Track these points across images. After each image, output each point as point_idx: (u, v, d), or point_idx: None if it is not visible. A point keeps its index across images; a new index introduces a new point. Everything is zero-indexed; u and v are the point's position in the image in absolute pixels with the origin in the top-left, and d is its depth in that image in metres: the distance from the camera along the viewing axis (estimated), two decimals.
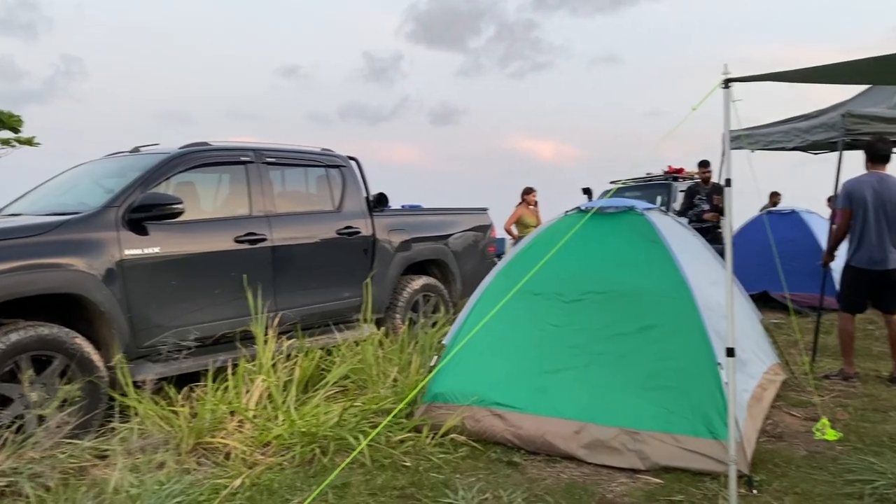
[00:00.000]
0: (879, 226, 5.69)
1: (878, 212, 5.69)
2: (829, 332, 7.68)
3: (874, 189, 5.71)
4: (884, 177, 5.80)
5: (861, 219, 5.77)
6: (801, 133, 7.14)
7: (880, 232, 5.69)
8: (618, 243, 4.65)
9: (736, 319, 5.02)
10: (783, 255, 9.75)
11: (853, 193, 5.83)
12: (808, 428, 4.60)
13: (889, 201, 5.67)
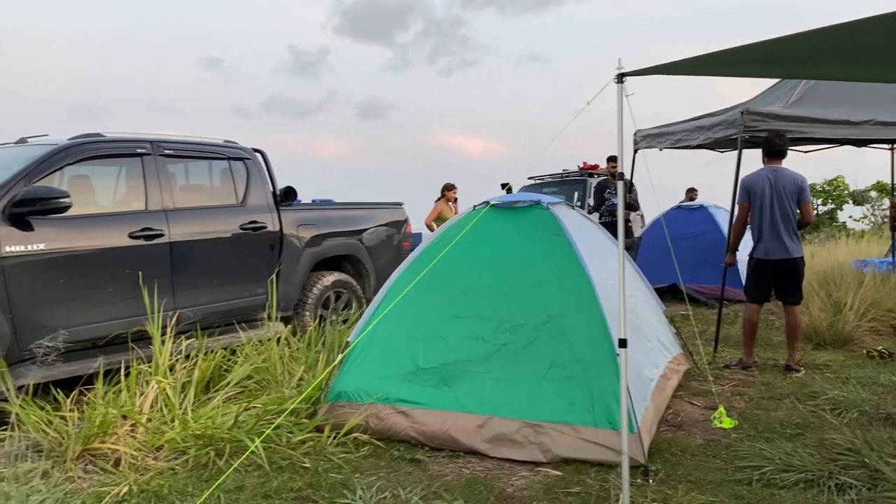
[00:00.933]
0: (774, 217, 5.89)
1: (773, 204, 5.89)
2: (732, 323, 7.96)
3: (770, 182, 5.91)
4: (779, 170, 6.00)
5: (759, 212, 5.97)
6: (705, 131, 7.35)
7: (775, 223, 5.89)
8: (524, 237, 4.65)
9: (637, 311, 5.16)
10: (692, 249, 10.12)
11: (750, 187, 6.02)
12: (707, 416, 4.72)
13: (783, 193, 5.87)
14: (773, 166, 6.02)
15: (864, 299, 7.32)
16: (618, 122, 3.21)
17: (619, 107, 3.19)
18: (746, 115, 6.42)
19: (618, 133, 3.23)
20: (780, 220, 5.89)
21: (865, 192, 24.96)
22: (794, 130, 6.59)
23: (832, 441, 3.90)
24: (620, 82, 3.18)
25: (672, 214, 11.10)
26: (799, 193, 5.90)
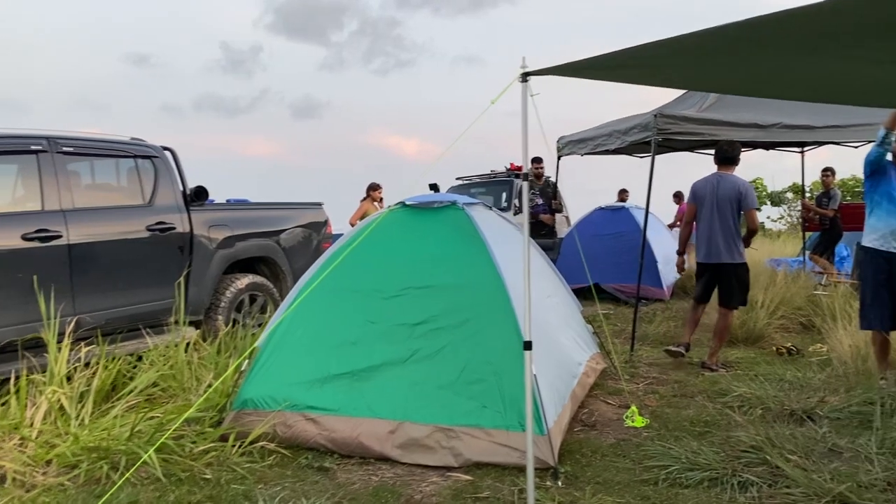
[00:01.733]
0: (713, 222, 6.08)
1: (713, 209, 6.08)
2: (650, 322, 8.09)
3: (713, 188, 6.11)
4: (724, 176, 6.18)
5: (701, 216, 6.19)
6: (621, 135, 7.46)
7: (713, 228, 6.08)
8: (438, 238, 4.59)
9: (555, 311, 5.17)
10: (615, 249, 10.27)
11: (697, 192, 6.25)
12: (621, 415, 4.76)
13: (722, 199, 6.05)
14: (721, 173, 6.21)
15: (775, 297, 7.56)
16: (522, 121, 3.18)
17: (523, 106, 3.16)
18: (659, 118, 6.54)
19: (522, 132, 3.19)
20: (718, 225, 6.05)
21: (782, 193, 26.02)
22: (704, 133, 6.74)
23: (737, 439, 3.97)
24: (524, 81, 3.14)
25: (595, 215, 11.26)
26: (740, 200, 6.06)
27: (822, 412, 4.56)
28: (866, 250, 5.21)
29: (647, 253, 9.60)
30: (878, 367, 5.18)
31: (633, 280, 9.15)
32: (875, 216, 5.14)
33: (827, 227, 9.66)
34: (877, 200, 5.12)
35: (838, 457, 3.80)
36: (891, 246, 5.01)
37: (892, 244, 5.00)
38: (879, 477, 3.43)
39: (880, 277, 5.07)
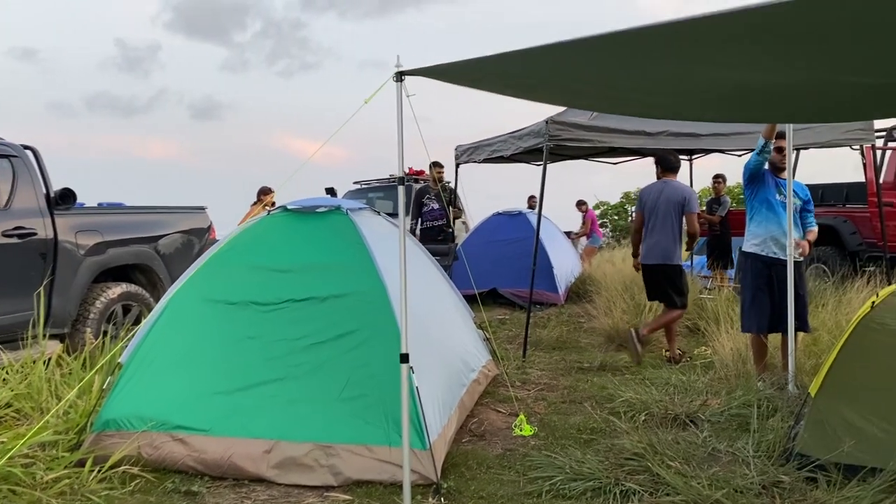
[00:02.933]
0: (656, 226, 6.34)
1: (656, 214, 6.35)
2: (544, 327, 8.12)
3: (659, 194, 6.39)
4: (669, 183, 6.46)
5: (647, 220, 6.46)
6: (516, 141, 7.47)
7: (655, 231, 6.34)
8: (321, 246, 4.39)
9: (446, 318, 5.06)
10: (512, 255, 10.31)
11: (642, 198, 6.57)
12: (510, 424, 4.69)
13: (664, 205, 6.31)
14: (666, 179, 6.50)
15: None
16: (397, 121, 3.03)
17: (398, 106, 3.02)
18: (551, 125, 6.57)
19: (398, 133, 3.05)
20: (660, 229, 6.33)
21: None
22: (595, 140, 6.83)
23: (621, 446, 3.95)
24: (399, 81, 3.00)
25: (494, 221, 11.29)
26: (683, 206, 6.32)
27: (704, 416, 4.63)
28: (747, 255, 5.37)
29: (542, 258, 9.74)
30: (755, 369, 5.34)
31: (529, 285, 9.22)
32: (755, 222, 5.30)
33: (718, 234, 9.99)
34: (756, 207, 5.29)
35: (717, 461, 3.84)
36: (770, 251, 5.17)
37: (772, 249, 5.16)
38: (755, 481, 3.47)
39: (759, 282, 5.23)
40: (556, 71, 2.74)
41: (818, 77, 2.78)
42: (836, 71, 2.67)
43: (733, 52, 2.38)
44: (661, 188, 6.44)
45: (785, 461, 3.64)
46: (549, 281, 10.02)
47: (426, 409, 3.71)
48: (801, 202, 5.35)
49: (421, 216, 9.22)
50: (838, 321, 6.15)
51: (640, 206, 6.57)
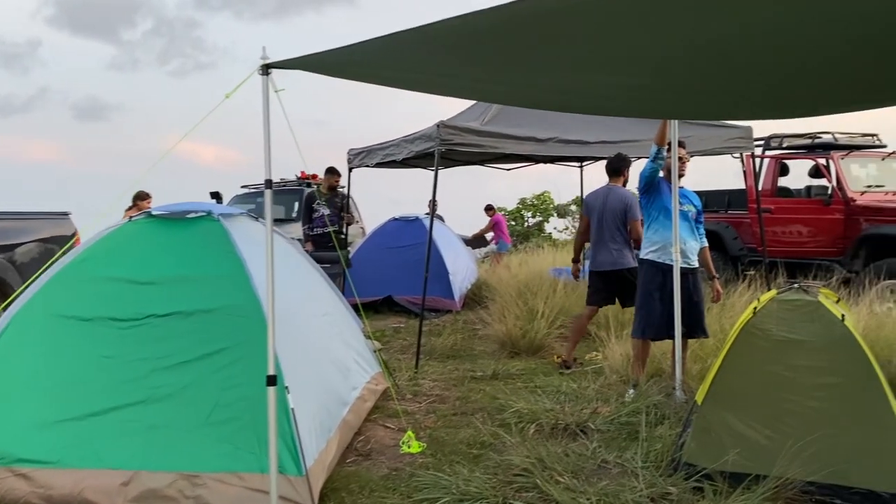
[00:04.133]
0: (601, 232, 6.29)
1: (602, 219, 6.30)
2: (439, 335, 7.95)
3: (603, 199, 6.34)
4: (613, 189, 6.40)
5: (592, 226, 6.42)
6: (408, 145, 7.29)
7: (602, 237, 6.29)
8: (188, 255, 4.03)
9: (330, 330, 4.78)
10: (408, 261, 10.10)
11: (588, 204, 6.52)
12: (398, 440, 4.47)
13: (609, 210, 6.27)
14: (611, 185, 6.44)
15: (555, 307, 7.71)
16: (263, 117, 2.77)
17: (264, 101, 2.75)
18: (442, 129, 6.41)
19: (264, 130, 2.78)
20: (606, 234, 6.28)
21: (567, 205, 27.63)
22: (486, 145, 6.73)
23: (509, 462, 3.81)
24: (266, 74, 2.74)
25: (390, 226, 11.06)
26: (626, 212, 6.26)
27: (594, 424, 4.56)
28: (643, 262, 5.38)
29: (438, 263, 9.59)
30: (633, 372, 5.34)
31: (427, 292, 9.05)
32: (652, 230, 5.31)
33: None
34: (654, 215, 5.30)
35: (607, 473, 3.76)
36: (668, 258, 5.19)
37: (669, 256, 5.18)
38: (644, 493, 3.41)
39: (651, 288, 5.24)
40: (422, 59, 2.58)
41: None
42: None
43: None
44: (605, 194, 6.39)
45: (673, 471, 3.60)
46: (445, 287, 9.89)
47: (302, 432, 3.44)
48: (696, 210, 5.42)
49: (311, 222, 8.89)
50: (722, 325, 6.29)
51: (586, 210, 6.55)
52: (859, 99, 3.41)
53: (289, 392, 3.45)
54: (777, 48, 2.42)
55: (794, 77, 2.87)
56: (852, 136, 9.75)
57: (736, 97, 3.40)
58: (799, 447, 3.35)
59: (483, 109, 7.44)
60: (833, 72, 2.77)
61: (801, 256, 9.11)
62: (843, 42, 2.37)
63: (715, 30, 2.24)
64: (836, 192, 9.06)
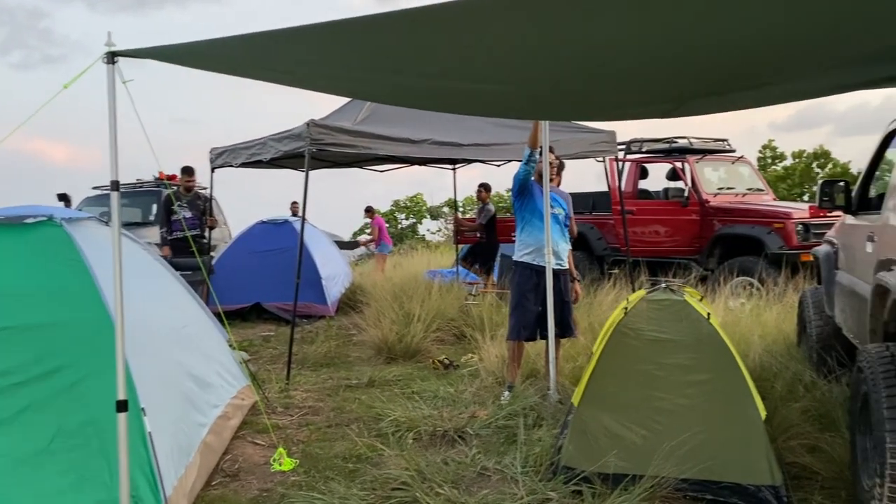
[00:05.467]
0: None
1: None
2: (312, 342, 7.67)
3: None
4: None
5: None
6: (276, 144, 6.97)
7: None
8: (25, 264, 3.59)
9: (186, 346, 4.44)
10: (277, 266, 9.71)
11: None
12: (269, 458, 4.21)
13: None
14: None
15: (431, 310, 7.64)
16: (109, 111, 2.47)
17: (109, 93, 2.46)
18: (312, 128, 6.16)
19: (109, 125, 2.48)
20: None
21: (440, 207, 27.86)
22: (359, 146, 6.54)
23: (387, 475, 3.66)
24: (112, 63, 2.44)
25: (257, 230, 10.61)
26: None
27: (473, 430, 4.50)
28: (517, 264, 5.39)
29: (310, 268, 9.27)
30: (508, 374, 5.34)
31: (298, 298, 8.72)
32: (525, 232, 5.33)
33: (482, 241, 10.20)
34: (527, 218, 5.32)
35: (487, 481, 3.70)
36: (541, 260, 5.21)
37: (542, 259, 5.20)
38: (525, 500, 3.37)
39: (525, 289, 5.25)
40: (283, 54, 2.44)
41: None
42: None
43: None
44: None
45: (552, 475, 3.58)
46: (318, 292, 9.59)
47: (161, 458, 3.14)
48: (566, 214, 5.49)
49: (170, 226, 8.34)
50: (591, 323, 6.44)
51: None
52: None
53: (145, 414, 3.14)
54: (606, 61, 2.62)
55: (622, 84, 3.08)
56: (705, 141, 10.35)
57: (580, 98, 3.56)
58: (672, 446, 3.41)
59: (356, 109, 7.24)
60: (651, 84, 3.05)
61: (661, 255, 9.55)
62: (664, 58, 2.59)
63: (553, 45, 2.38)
64: (692, 194, 9.57)
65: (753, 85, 3.18)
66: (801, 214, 8.64)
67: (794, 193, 23.76)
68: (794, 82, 3.29)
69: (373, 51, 2.46)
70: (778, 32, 2.31)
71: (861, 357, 3.27)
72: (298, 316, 8.00)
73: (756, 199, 9.93)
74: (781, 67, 2.89)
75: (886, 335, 3.46)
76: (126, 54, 2.45)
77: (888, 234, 3.66)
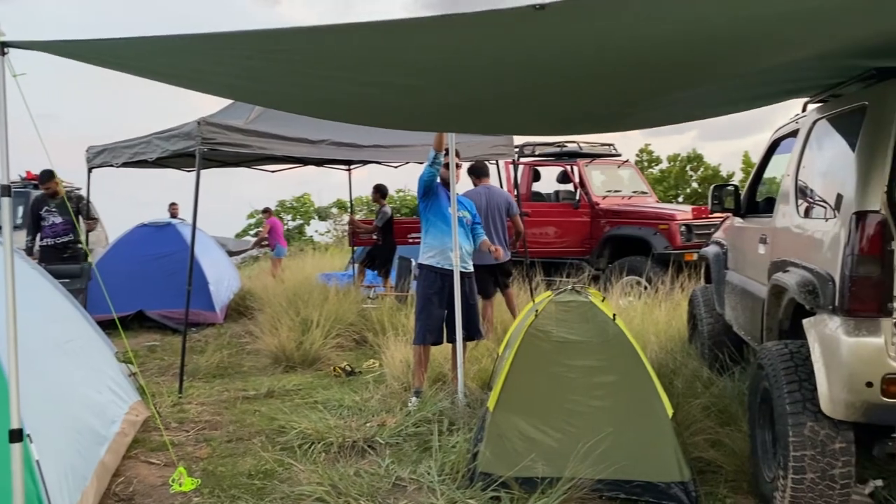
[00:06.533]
0: (487, 228, 6.49)
1: (488, 216, 6.72)
2: (202, 352, 7.31)
3: (486, 198, 6.83)
4: (491, 188, 7.12)
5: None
6: (163, 143, 6.58)
7: (489, 234, 6.41)
8: None
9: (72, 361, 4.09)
10: (161, 271, 9.19)
11: (479, 201, 6.64)
12: (167, 478, 3.94)
13: (494, 207, 6.86)
14: (486, 185, 7.05)
15: (330, 315, 7.44)
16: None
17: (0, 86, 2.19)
18: (204, 127, 5.86)
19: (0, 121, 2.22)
20: (492, 230, 6.72)
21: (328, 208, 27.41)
22: (253, 146, 6.29)
23: (300, 492, 3.51)
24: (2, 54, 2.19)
25: (138, 233, 9.99)
26: (508, 208, 6.95)
27: (383, 438, 4.40)
28: (422, 267, 5.33)
29: (196, 273, 8.79)
30: (415, 381, 5.28)
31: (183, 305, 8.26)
32: (431, 235, 5.27)
33: (380, 243, 10.06)
34: (432, 220, 5.26)
35: (403, 492, 3.62)
36: (446, 263, 5.17)
37: (447, 262, 5.16)
38: None
39: (430, 293, 5.20)
40: (182, 57, 2.33)
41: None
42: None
43: None
44: (486, 192, 6.91)
45: (469, 482, 3.54)
46: (205, 299, 9.14)
47: (51, 487, 2.85)
48: (471, 217, 5.47)
49: (41, 231, 7.71)
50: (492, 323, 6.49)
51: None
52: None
53: (31, 441, 2.84)
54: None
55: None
56: (593, 146, 10.70)
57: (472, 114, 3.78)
58: (587, 447, 3.45)
59: (248, 107, 6.95)
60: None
61: (555, 256, 9.78)
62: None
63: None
64: (582, 196, 9.85)
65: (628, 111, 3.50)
66: (685, 216, 9.07)
67: (671, 195, 25.02)
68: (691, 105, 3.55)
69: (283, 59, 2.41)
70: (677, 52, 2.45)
71: (761, 354, 3.43)
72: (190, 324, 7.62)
73: (641, 201, 10.36)
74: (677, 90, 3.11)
75: (781, 333, 3.65)
76: (18, 45, 2.19)
77: (781, 237, 3.87)
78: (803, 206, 3.68)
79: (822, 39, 2.45)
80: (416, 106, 3.48)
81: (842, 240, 2.91)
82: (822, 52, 2.91)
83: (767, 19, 2.06)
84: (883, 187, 2.79)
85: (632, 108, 3.68)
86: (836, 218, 3.05)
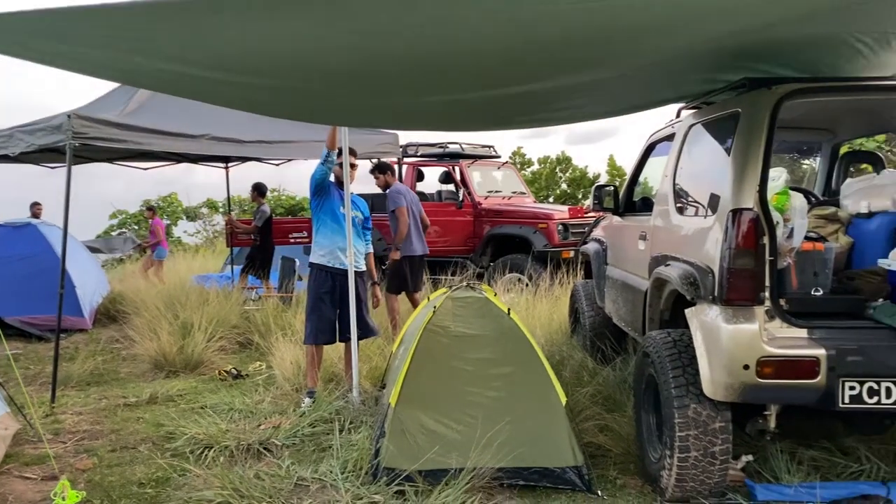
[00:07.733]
0: (415, 221, 7.25)
1: (416, 213, 7.28)
2: (73, 359, 6.87)
3: (410, 194, 7.42)
4: (403, 185, 7.76)
5: (409, 217, 7.15)
6: (27, 136, 6.13)
7: (417, 227, 7.30)
8: None
9: None
10: (20, 274, 8.54)
11: (407, 195, 7.23)
12: (47, 493, 3.70)
13: (416, 203, 7.43)
14: (397, 183, 7.43)
15: (211, 318, 7.19)
16: None
17: None
18: (75, 120, 5.51)
19: None
20: (420, 224, 7.35)
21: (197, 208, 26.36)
22: (129, 141, 5.98)
23: (200, 497, 3.40)
24: None
25: None
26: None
27: (279, 440, 4.33)
28: (312, 266, 5.27)
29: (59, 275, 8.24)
30: (308, 381, 5.23)
31: (46, 310, 7.71)
32: (321, 234, 5.22)
33: (258, 243, 9.79)
34: (322, 219, 5.21)
35: (307, 492, 3.59)
36: (337, 262, 5.14)
37: (339, 260, 5.13)
38: None
39: (321, 293, 5.16)
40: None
41: None
42: None
43: None
44: (407, 189, 7.54)
45: (373, 478, 3.56)
46: (73, 303, 8.57)
47: None
48: (363, 217, 5.46)
49: None
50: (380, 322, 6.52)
51: (403, 200, 7.11)
52: None
53: None
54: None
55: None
56: (475, 147, 10.95)
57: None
58: (488, 437, 3.57)
59: (122, 99, 6.62)
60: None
61: (440, 255, 9.92)
62: None
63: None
64: (465, 196, 10.06)
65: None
66: (562, 216, 9.48)
67: (542, 196, 25.93)
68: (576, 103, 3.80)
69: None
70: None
71: (646, 343, 3.67)
72: (49, 330, 7.14)
73: (520, 201, 10.71)
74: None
75: (662, 323, 3.93)
76: None
77: (661, 234, 4.15)
78: (681, 204, 3.97)
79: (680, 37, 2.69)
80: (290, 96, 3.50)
81: (719, 236, 3.17)
82: (696, 62, 3.18)
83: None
84: (756, 187, 3.07)
85: (525, 111, 3.85)
86: (713, 216, 3.32)
